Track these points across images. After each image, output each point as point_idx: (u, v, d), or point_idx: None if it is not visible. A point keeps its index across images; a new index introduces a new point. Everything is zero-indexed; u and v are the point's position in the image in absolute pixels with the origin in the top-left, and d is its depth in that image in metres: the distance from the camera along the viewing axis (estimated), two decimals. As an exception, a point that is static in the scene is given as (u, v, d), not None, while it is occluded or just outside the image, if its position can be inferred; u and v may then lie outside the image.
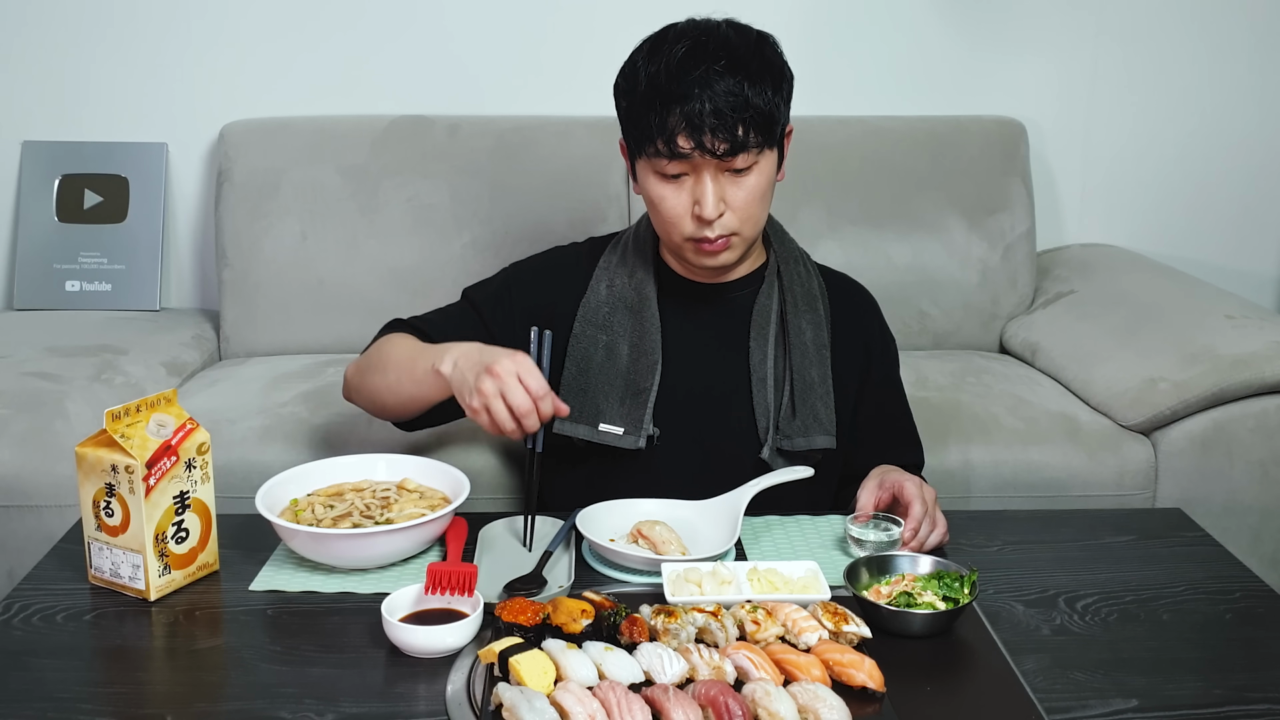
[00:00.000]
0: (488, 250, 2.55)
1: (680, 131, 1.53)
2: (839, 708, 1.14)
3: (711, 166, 1.55)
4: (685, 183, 1.57)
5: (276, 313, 2.58)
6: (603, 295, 1.72)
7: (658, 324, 1.69)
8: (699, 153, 1.53)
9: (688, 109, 1.52)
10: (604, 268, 1.74)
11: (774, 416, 1.68)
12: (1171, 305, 2.43)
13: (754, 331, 1.70)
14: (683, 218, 1.58)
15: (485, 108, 2.71)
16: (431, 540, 1.50)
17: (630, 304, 1.70)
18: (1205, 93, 2.88)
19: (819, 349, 1.71)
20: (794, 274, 1.74)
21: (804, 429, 1.67)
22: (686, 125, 1.52)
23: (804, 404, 1.68)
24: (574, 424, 1.67)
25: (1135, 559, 1.52)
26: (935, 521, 1.53)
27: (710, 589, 1.35)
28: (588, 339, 1.70)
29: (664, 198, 1.59)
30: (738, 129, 1.52)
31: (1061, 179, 2.91)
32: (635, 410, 1.66)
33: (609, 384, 1.68)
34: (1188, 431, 2.15)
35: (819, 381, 1.69)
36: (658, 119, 1.53)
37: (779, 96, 1.57)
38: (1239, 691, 1.24)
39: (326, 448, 2.05)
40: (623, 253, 1.75)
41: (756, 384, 1.69)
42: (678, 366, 1.69)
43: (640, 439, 1.66)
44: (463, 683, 1.22)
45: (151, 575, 1.38)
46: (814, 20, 2.75)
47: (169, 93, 2.73)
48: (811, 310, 1.72)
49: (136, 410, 1.39)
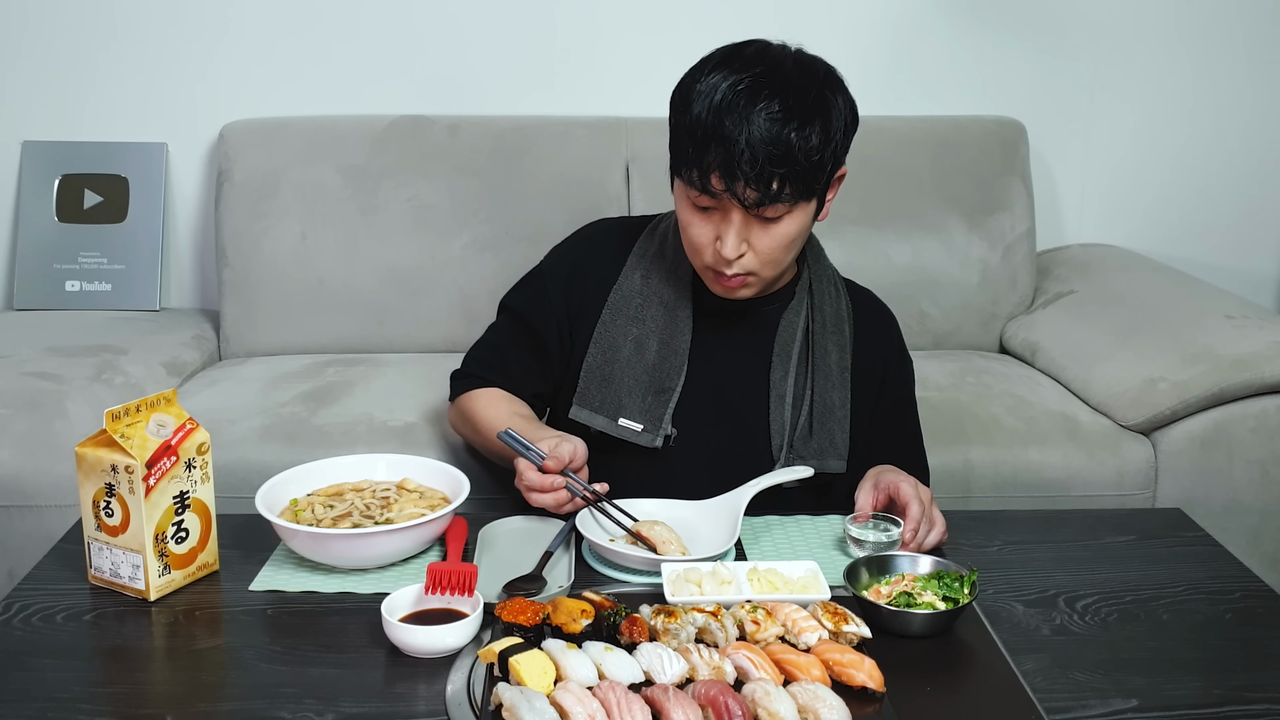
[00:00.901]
0: (488, 250, 2.55)
1: (714, 171, 1.49)
2: (839, 708, 1.14)
3: (740, 210, 1.51)
4: (713, 217, 1.55)
5: (276, 313, 2.58)
6: (637, 285, 1.70)
7: (690, 325, 1.68)
8: (728, 196, 1.50)
9: (726, 151, 1.47)
10: (639, 255, 1.72)
11: (788, 435, 1.67)
12: (1171, 305, 2.43)
13: (778, 348, 1.69)
14: (705, 247, 1.57)
15: (485, 108, 2.71)
16: (431, 540, 1.50)
17: (665, 300, 1.68)
18: (1205, 93, 2.88)
19: (842, 372, 1.70)
20: (825, 294, 1.72)
21: (819, 452, 1.67)
22: (722, 167, 1.48)
23: (822, 428, 1.67)
24: (592, 414, 1.67)
25: (1135, 559, 1.52)
26: (933, 521, 1.53)
27: (710, 589, 1.35)
28: (617, 329, 1.69)
29: (690, 224, 1.57)
30: (773, 183, 1.47)
31: (1061, 179, 2.91)
32: (656, 409, 1.66)
33: (633, 378, 1.67)
34: (1188, 431, 2.16)
35: (839, 405, 1.69)
36: (695, 151, 1.50)
37: (829, 147, 1.51)
38: (1239, 691, 1.24)
39: (326, 448, 2.05)
40: (660, 244, 1.72)
41: (775, 401, 1.68)
42: (700, 371, 1.68)
43: (658, 438, 1.66)
44: (463, 683, 1.22)
45: (151, 575, 1.38)
46: (814, 20, 2.74)
47: (169, 93, 2.73)
48: (838, 332, 1.71)
49: (136, 410, 1.39)
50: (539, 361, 1.76)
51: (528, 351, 1.76)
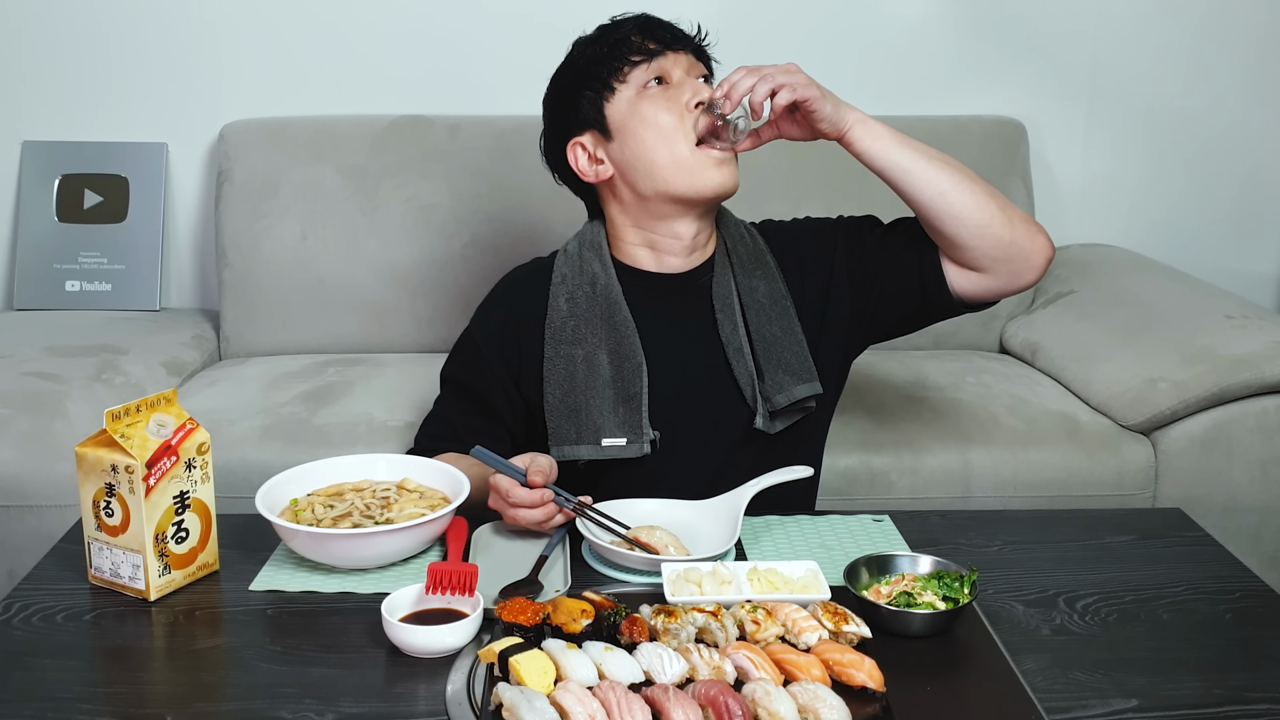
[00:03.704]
0: (488, 250, 2.55)
1: (637, 36, 1.62)
2: (839, 708, 1.14)
3: (682, 69, 1.62)
4: (668, 89, 1.62)
5: (276, 313, 2.58)
6: (565, 310, 1.68)
7: (632, 325, 1.67)
8: (669, 49, 1.61)
9: (638, 21, 1.63)
10: (558, 282, 1.70)
11: (756, 383, 1.66)
12: (1171, 305, 2.43)
13: (718, 305, 1.69)
14: (685, 119, 1.60)
15: (485, 108, 2.71)
16: (431, 540, 1.50)
17: (599, 312, 1.67)
18: (1205, 92, 2.88)
19: (775, 301, 1.69)
20: (737, 240, 1.73)
21: (778, 385, 1.65)
22: (644, 31, 1.62)
23: (769, 361, 1.66)
24: (574, 447, 1.65)
25: (1135, 559, 1.52)
26: (759, 72, 1.54)
27: (710, 589, 1.35)
28: (563, 358, 1.67)
29: (657, 111, 1.61)
30: (695, 30, 1.63)
31: (1061, 179, 2.91)
32: (631, 417, 1.64)
33: (599, 396, 1.65)
34: (1188, 431, 2.16)
35: (783, 334, 1.67)
36: (611, 49, 1.63)
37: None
38: (1239, 691, 1.24)
39: (326, 448, 2.05)
40: (573, 264, 1.71)
41: (733, 355, 1.67)
42: (660, 363, 1.67)
43: (644, 445, 1.64)
44: (463, 683, 1.22)
45: (151, 575, 1.38)
46: (814, 20, 2.74)
47: (169, 93, 2.73)
48: (760, 265, 1.71)
49: (136, 410, 1.39)
50: (490, 424, 1.73)
51: (476, 416, 1.73)
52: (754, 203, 1.86)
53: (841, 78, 2.82)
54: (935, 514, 1.69)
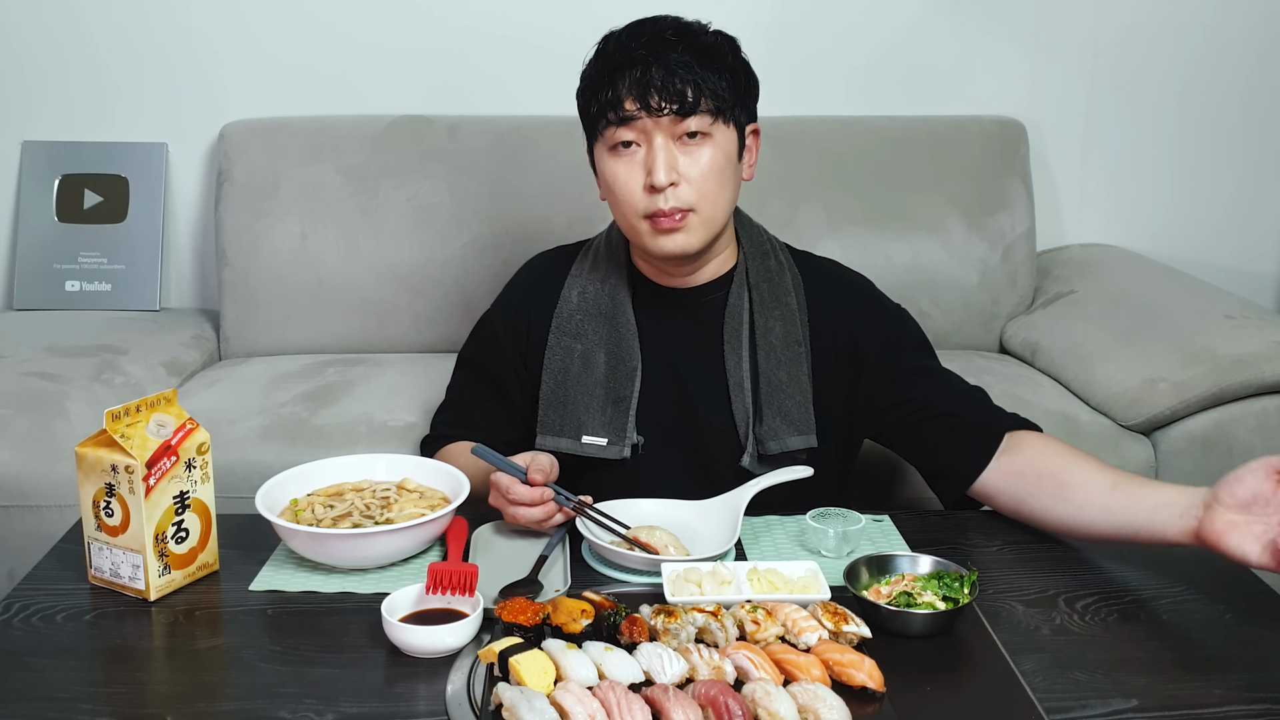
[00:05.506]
0: (488, 250, 2.55)
1: (628, 96, 1.53)
2: (839, 708, 1.14)
3: (663, 132, 1.54)
4: (637, 155, 1.56)
5: (276, 313, 2.58)
6: (574, 303, 1.69)
7: (634, 330, 1.67)
8: (646, 114, 1.53)
9: (635, 74, 1.53)
10: (575, 275, 1.71)
11: (751, 421, 1.65)
12: (1171, 305, 2.43)
13: (727, 335, 1.67)
14: (635, 192, 1.56)
15: (485, 108, 2.71)
16: (431, 540, 1.50)
17: (604, 310, 1.68)
18: (1205, 92, 2.88)
19: (789, 346, 1.66)
20: (762, 270, 1.68)
21: (773, 432, 1.63)
22: (634, 89, 1.53)
23: (770, 406, 1.64)
24: (556, 438, 1.66)
25: (1135, 559, 1.52)
26: None
27: (710, 589, 1.35)
28: (562, 349, 1.68)
29: (617, 175, 1.57)
30: (686, 92, 1.52)
31: (1061, 179, 2.91)
32: (617, 419, 1.64)
33: (588, 394, 1.66)
34: (1188, 431, 2.16)
35: (789, 381, 1.65)
36: (607, 90, 1.55)
37: (736, 58, 1.58)
38: (1239, 691, 1.24)
39: (326, 448, 2.05)
40: (594, 259, 1.72)
41: (734, 389, 1.66)
42: (656, 373, 1.67)
43: (625, 448, 1.64)
44: (463, 683, 1.22)
45: (151, 575, 1.38)
46: (814, 20, 2.74)
47: (169, 93, 2.73)
48: (781, 306, 1.67)
49: (136, 410, 1.39)
50: (504, 408, 1.75)
51: (490, 400, 1.75)
52: (754, 202, 1.86)
53: (842, 78, 2.85)
54: (935, 514, 1.69)
